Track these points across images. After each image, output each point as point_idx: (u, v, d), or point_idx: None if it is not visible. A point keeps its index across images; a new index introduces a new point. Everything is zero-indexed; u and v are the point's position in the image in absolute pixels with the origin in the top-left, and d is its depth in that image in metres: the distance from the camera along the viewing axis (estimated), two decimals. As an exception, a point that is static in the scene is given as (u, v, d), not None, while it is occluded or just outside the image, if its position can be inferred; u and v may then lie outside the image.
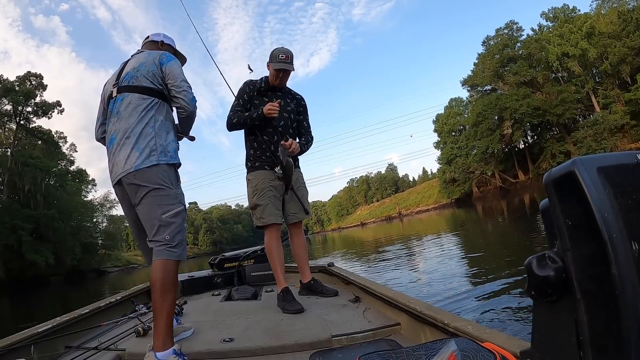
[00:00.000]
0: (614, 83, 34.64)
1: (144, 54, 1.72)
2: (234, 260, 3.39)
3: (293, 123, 2.41)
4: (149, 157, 1.50)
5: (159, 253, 1.45)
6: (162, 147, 1.54)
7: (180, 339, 1.67)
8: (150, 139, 1.53)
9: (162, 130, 1.58)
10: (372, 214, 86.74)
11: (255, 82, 2.41)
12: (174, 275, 1.47)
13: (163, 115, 1.61)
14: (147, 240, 1.51)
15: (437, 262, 6.30)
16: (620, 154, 0.49)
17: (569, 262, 0.48)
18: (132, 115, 1.55)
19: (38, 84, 32.73)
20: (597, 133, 32.70)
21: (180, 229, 1.50)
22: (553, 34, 37.07)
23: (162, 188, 1.49)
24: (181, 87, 1.61)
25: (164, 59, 1.65)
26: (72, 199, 33.91)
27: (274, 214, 2.27)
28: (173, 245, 1.47)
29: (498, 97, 39.23)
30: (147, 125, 1.54)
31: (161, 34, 1.92)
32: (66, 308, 2.49)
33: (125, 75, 1.64)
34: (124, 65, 1.72)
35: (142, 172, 1.48)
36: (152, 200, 1.48)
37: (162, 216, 1.47)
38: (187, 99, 1.62)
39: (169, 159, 1.54)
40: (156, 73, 1.61)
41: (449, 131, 51.46)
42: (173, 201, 1.51)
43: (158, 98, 1.61)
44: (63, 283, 26.03)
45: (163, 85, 1.63)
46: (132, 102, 1.57)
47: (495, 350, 0.85)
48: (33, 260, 26.35)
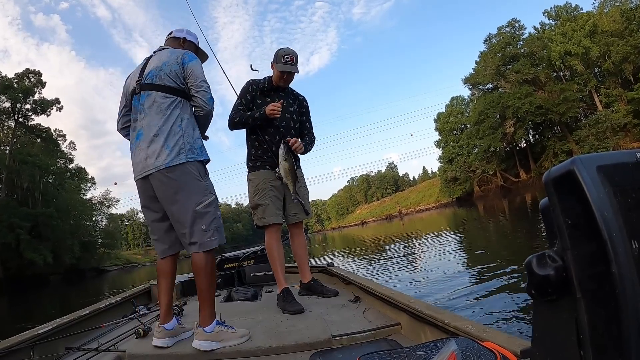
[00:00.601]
0: (616, 82, 34.56)
1: (166, 52, 1.75)
2: (234, 261, 3.39)
3: (295, 124, 2.41)
4: (179, 155, 1.59)
5: (200, 246, 1.58)
6: (189, 145, 1.63)
7: (180, 339, 1.68)
8: (178, 137, 1.61)
9: (189, 128, 1.66)
10: (372, 213, 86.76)
11: (258, 81, 2.41)
12: (214, 262, 1.64)
13: (188, 114, 1.69)
14: (181, 232, 1.62)
15: (437, 262, 6.30)
16: (619, 153, 0.49)
17: (569, 261, 0.47)
18: (158, 114, 1.62)
19: (37, 81, 32.36)
20: (599, 132, 32.58)
21: (214, 217, 1.63)
22: (555, 33, 36.92)
23: (192, 183, 1.59)
24: (200, 87, 1.68)
25: (186, 59, 1.71)
26: (71, 197, 33.57)
27: (275, 214, 2.27)
28: (211, 234, 1.60)
29: (500, 95, 39.09)
30: (174, 123, 1.62)
31: (184, 30, 1.93)
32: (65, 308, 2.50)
33: (148, 72, 1.69)
34: (147, 60, 1.76)
35: (173, 169, 1.57)
36: (184, 195, 1.58)
37: (196, 208, 1.58)
38: (204, 99, 1.69)
39: (196, 156, 1.64)
40: (178, 72, 1.67)
41: (450, 130, 51.41)
42: (204, 192, 1.62)
43: (180, 97, 1.68)
44: (62, 282, 25.92)
45: (185, 85, 1.69)
46: (156, 101, 1.64)
47: (495, 350, 0.85)
48: (31, 259, 26.06)
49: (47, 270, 27.42)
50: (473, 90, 46.32)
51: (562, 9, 38.89)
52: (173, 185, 1.58)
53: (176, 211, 1.60)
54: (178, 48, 1.83)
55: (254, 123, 2.28)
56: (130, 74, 1.81)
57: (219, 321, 1.60)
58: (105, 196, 41.25)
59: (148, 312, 2.32)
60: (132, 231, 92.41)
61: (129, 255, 55.96)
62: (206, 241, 1.59)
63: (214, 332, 1.55)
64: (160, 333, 1.62)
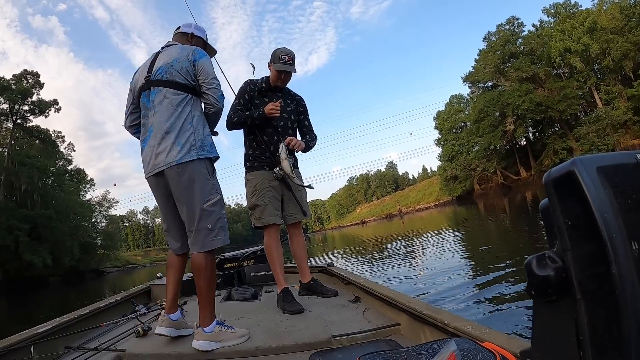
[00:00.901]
0: (616, 79, 34.47)
1: (176, 48, 1.73)
2: (234, 261, 3.39)
3: (293, 123, 2.41)
4: (190, 152, 1.59)
5: (204, 245, 1.59)
6: (200, 142, 1.63)
7: (181, 335, 1.70)
8: (189, 134, 1.61)
9: (200, 125, 1.66)
10: (372, 212, 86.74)
11: (256, 81, 2.40)
12: (214, 263, 1.65)
13: (199, 111, 1.70)
14: (188, 230, 1.62)
15: (437, 261, 6.30)
16: (619, 154, 0.49)
17: (568, 262, 0.47)
18: (169, 110, 1.62)
19: (35, 82, 32.00)
20: (600, 129, 32.49)
21: (219, 216, 1.64)
22: (555, 30, 36.82)
23: (201, 180, 1.61)
24: (212, 84, 1.68)
25: (196, 55, 1.70)
26: (70, 199, 33.00)
27: (274, 214, 2.26)
28: (215, 234, 1.61)
29: (500, 93, 38.91)
30: (185, 120, 1.62)
31: (192, 25, 1.91)
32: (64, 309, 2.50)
33: (158, 69, 1.67)
34: (155, 56, 1.75)
35: (184, 166, 1.58)
36: (193, 192, 1.59)
37: (203, 205, 1.59)
38: (215, 96, 1.69)
39: (207, 153, 1.65)
40: (189, 69, 1.67)
41: (450, 128, 51.38)
42: (211, 191, 1.64)
43: (191, 94, 1.68)
44: (61, 284, 25.75)
45: (195, 81, 1.69)
46: (167, 97, 1.63)
47: (495, 350, 0.85)
48: (30, 261, 25.64)
49: (47, 272, 26.91)
50: (473, 88, 46.12)
51: (561, 6, 38.74)
52: (183, 181, 1.58)
53: (185, 208, 1.61)
54: (186, 44, 1.81)
55: (253, 123, 2.28)
56: (137, 70, 1.80)
57: (218, 321, 1.60)
58: (105, 197, 41.01)
59: (148, 311, 2.33)
60: (132, 232, 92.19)
61: (128, 257, 55.66)
62: (210, 240, 1.60)
63: (213, 333, 1.56)
64: (165, 322, 1.64)
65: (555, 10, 39.14)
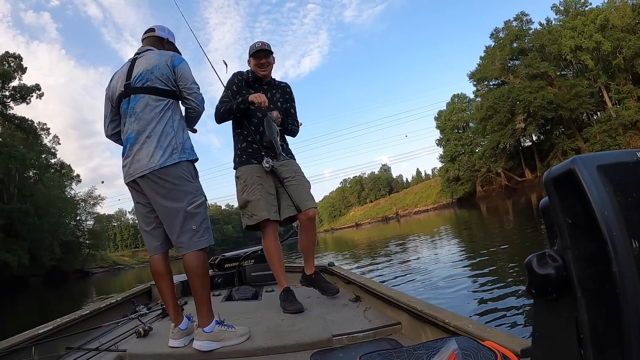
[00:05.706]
0: (626, 78, 33.94)
1: (153, 54, 1.74)
2: (234, 261, 3.39)
3: (280, 112, 2.37)
4: (172, 155, 1.61)
5: (191, 245, 1.61)
6: (181, 145, 1.66)
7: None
8: (171, 138, 1.64)
9: (180, 129, 1.70)
10: (367, 215, 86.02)
11: (242, 73, 2.42)
12: (206, 262, 1.66)
13: (179, 115, 1.73)
14: (170, 233, 1.64)
15: (437, 261, 6.30)
16: (620, 152, 0.49)
17: (569, 260, 0.47)
18: (151, 116, 1.64)
19: (17, 66, 29.82)
20: (611, 129, 31.92)
21: (204, 218, 1.67)
22: (565, 27, 36.02)
23: (185, 183, 1.63)
24: (192, 89, 1.72)
25: (175, 62, 1.73)
26: (51, 193, 30.61)
27: (267, 209, 2.15)
28: (200, 234, 1.63)
29: (510, 89, 37.81)
30: (166, 125, 1.65)
31: (166, 30, 1.92)
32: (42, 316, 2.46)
33: (138, 76, 1.68)
34: (132, 62, 1.74)
35: (167, 170, 1.60)
36: (177, 195, 1.61)
37: (187, 208, 1.61)
38: (197, 101, 1.75)
39: (188, 156, 1.67)
40: (170, 75, 1.70)
41: (452, 128, 50.96)
42: (195, 193, 1.66)
43: (172, 98, 1.70)
44: (43, 285, 23.98)
45: (176, 87, 1.72)
46: (149, 104, 1.65)
47: (495, 349, 0.85)
48: (4, 260, 23.34)
49: (26, 272, 24.96)
50: (478, 86, 44.55)
51: (570, 2, 37.95)
52: (166, 185, 1.60)
53: (167, 211, 1.61)
54: (161, 49, 1.83)
55: (238, 109, 2.24)
56: (113, 77, 1.79)
57: (218, 321, 1.61)
58: (90, 194, 39.02)
59: (149, 311, 2.33)
60: (121, 232, 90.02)
61: (116, 257, 54.21)
62: (196, 241, 1.62)
63: (213, 332, 1.56)
64: (177, 334, 1.62)
65: (564, 8, 38.39)
